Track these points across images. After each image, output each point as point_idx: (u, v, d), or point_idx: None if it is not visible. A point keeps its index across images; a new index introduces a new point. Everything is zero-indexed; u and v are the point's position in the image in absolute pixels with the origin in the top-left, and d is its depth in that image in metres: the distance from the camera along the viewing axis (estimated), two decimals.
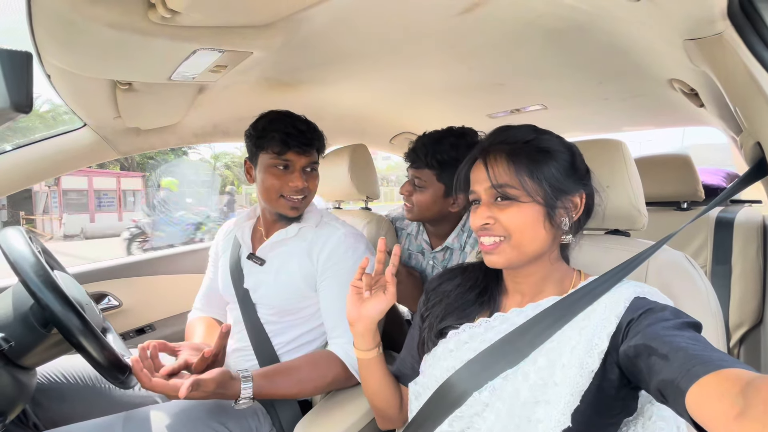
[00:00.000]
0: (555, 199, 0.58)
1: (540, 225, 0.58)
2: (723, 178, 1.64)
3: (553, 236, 0.60)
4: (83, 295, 0.81)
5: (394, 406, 0.76)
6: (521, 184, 0.57)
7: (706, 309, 0.64)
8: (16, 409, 0.72)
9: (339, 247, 0.98)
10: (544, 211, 0.58)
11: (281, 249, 1.02)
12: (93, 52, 0.56)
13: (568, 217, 0.60)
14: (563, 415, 0.51)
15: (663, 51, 0.77)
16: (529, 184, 0.57)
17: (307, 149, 0.97)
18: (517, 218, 0.58)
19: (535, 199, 0.57)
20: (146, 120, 1.06)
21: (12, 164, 0.99)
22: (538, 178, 0.57)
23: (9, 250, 0.68)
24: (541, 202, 0.57)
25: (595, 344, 0.53)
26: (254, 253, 1.04)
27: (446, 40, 0.85)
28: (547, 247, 0.60)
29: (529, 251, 0.59)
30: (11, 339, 0.68)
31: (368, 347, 0.74)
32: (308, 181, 0.99)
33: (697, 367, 0.40)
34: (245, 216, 1.11)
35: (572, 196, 0.60)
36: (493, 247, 0.60)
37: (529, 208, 0.57)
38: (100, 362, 0.68)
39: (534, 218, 0.58)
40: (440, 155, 1.05)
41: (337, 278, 0.96)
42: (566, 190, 0.59)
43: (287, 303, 1.00)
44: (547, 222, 0.58)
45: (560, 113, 1.50)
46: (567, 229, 0.61)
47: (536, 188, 0.57)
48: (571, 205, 0.60)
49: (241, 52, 0.63)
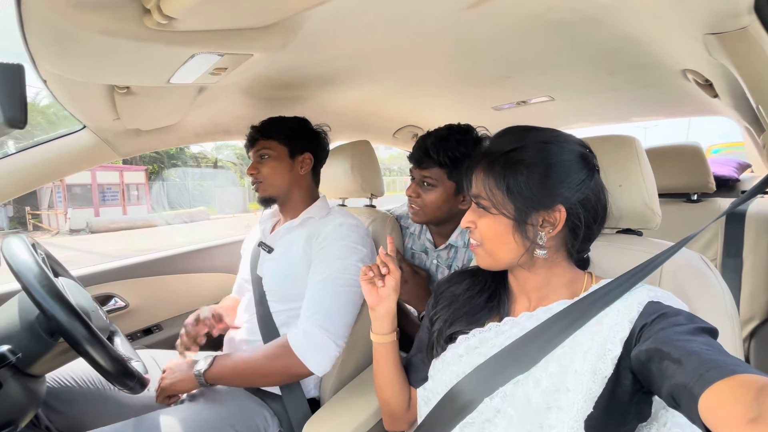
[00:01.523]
0: (525, 213, 0.57)
1: (509, 237, 0.59)
2: (734, 168, 1.60)
3: (525, 248, 0.59)
4: (89, 301, 0.81)
5: (402, 401, 0.76)
6: (489, 196, 0.59)
7: (723, 311, 0.62)
8: (27, 417, 0.72)
9: (333, 233, 0.99)
10: (513, 224, 0.58)
11: (287, 236, 1.08)
12: (87, 58, 0.55)
13: (543, 231, 0.58)
14: (576, 421, 0.51)
15: (678, 42, 0.74)
16: (498, 197, 0.58)
17: (254, 141, 1.07)
18: (488, 228, 0.60)
19: (501, 212, 0.58)
20: (146, 121, 1.05)
21: (15, 168, 0.98)
22: (510, 192, 0.57)
23: (12, 259, 0.68)
24: (509, 215, 0.58)
25: (609, 350, 0.52)
26: (264, 242, 1.11)
27: (452, 33, 0.82)
28: (521, 257, 0.59)
29: (502, 259, 0.61)
30: (18, 348, 0.68)
31: (386, 331, 0.74)
32: (257, 168, 1.07)
33: (710, 372, 0.39)
34: (269, 213, 1.19)
35: (548, 211, 0.57)
36: (474, 248, 0.64)
37: (496, 220, 0.59)
38: (107, 370, 0.69)
39: (503, 230, 0.59)
40: (451, 152, 1.04)
41: (319, 263, 0.97)
42: (538, 205, 0.57)
43: (289, 287, 1.02)
44: (517, 234, 0.58)
45: (567, 105, 1.47)
46: (542, 243, 0.58)
47: (504, 202, 0.58)
48: (548, 219, 0.57)
49: (242, 55, 0.61)
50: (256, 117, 1.11)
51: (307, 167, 1.10)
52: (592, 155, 0.61)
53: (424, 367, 0.72)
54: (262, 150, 1.06)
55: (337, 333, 0.91)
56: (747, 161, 1.74)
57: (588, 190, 0.58)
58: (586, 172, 0.58)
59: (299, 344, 0.88)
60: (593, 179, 0.59)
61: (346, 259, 0.95)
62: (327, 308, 0.91)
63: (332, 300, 0.92)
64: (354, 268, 0.95)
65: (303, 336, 0.89)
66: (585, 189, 0.57)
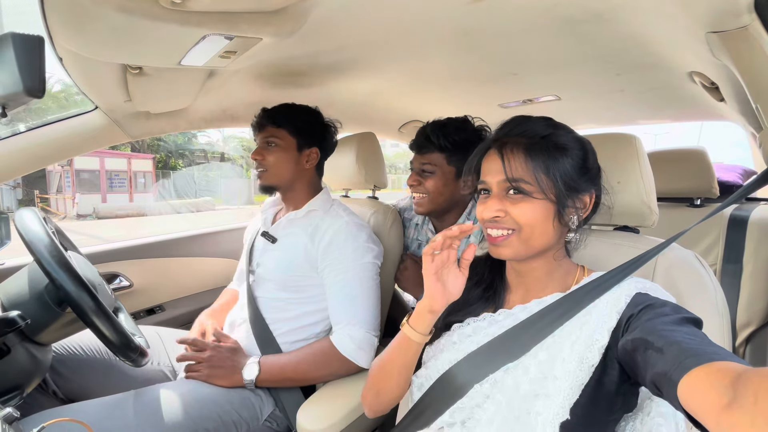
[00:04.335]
0: (566, 197, 0.58)
1: (549, 222, 0.58)
2: (739, 175, 1.59)
3: (560, 233, 0.61)
4: (96, 275, 0.83)
5: (397, 397, 0.71)
6: (536, 180, 0.57)
7: (713, 308, 0.63)
8: (33, 383, 0.75)
9: (339, 234, 1.01)
10: (555, 208, 0.58)
11: (290, 228, 1.08)
12: (103, 36, 0.56)
13: (577, 215, 0.60)
14: (562, 408, 0.52)
15: (685, 43, 0.75)
16: (544, 181, 0.57)
17: (261, 127, 1.07)
18: (528, 213, 0.57)
19: (548, 197, 0.57)
20: (156, 104, 1.07)
21: (26, 145, 1.00)
22: (553, 176, 0.57)
23: (24, 230, 0.70)
24: (554, 199, 0.57)
25: (596, 339, 0.53)
26: (268, 232, 1.12)
27: (459, 27, 0.83)
28: (553, 243, 0.61)
29: (536, 245, 0.59)
30: (27, 316, 0.70)
31: (427, 332, 0.64)
32: (263, 154, 1.06)
33: (689, 359, 0.40)
34: (271, 202, 1.20)
35: (583, 195, 0.60)
36: (502, 240, 0.59)
37: (541, 204, 0.57)
38: (112, 341, 0.71)
39: (545, 215, 0.58)
40: (451, 137, 1.08)
41: (336, 266, 1.00)
42: (578, 188, 0.59)
43: (290, 279, 1.04)
44: (557, 219, 0.58)
45: (574, 105, 1.47)
46: (575, 227, 0.61)
47: (550, 185, 0.57)
48: (581, 204, 0.60)
49: (251, 38, 0.62)
50: (264, 104, 1.12)
51: (313, 162, 1.11)
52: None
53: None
54: (270, 137, 1.06)
55: (374, 325, 1.00)
56: (753, 168, 1.73)
57: (600, 181, 0.63)
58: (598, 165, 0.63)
59: (350, 349, 0.95)
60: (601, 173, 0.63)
61: (363, 258, 1.01)
62: (361, 308, 0.99)
63: (363, 299, 0.99)
64: (371, 265, 1.02)
65: (350, 340, 0.95)
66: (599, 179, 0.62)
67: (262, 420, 0.94)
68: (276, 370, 0.94)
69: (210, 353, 0.95)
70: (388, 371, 0.69)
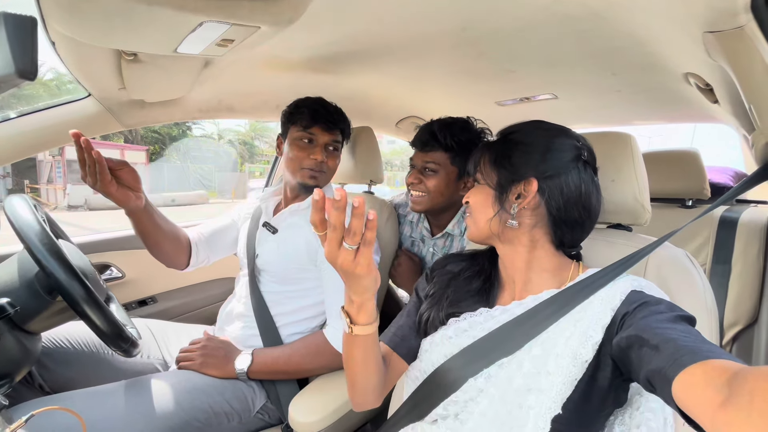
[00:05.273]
0: (505, 184, 0.63)
1: (489, 205, 0.65)
2: (731, 177, 1.62)
3: (499, 216, 0.64)
4: (87, 264, 0.82)
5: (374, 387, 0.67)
6: (481, 169, 0.68)
7: (702, 306, 0.64)
8: (22, 372, 0.74)
9: None
10: (493, 193, 0.65)
11: (292, 220, 1.08)
12: (98, 20, 0.55)
13: (516, 203, 0.63)
14: (554, 402, 0.53)
15: (681, 43, 0.75)
16: (487, 170, 0.67)
17: (331, 127, 1.06)
18: (474, 197, 0.68)
19: (486, 182, 0.66)
20: (151, 92, 1.05)
21: (16, 132, 0.98)
22: (496, 165, 0.65)
23: (14, 217, 0.69)
24: (491, 185, 0.65)
25: (590, 336, 0.54)
26: (269, 222, 1.12)
27: (458, 21, 0.83)
28: (492, 221, 0.65)
29: (482, 227, 0.67)
30: (17, 304, 0.70)
31: (363, 322, 0.58)
32: (328, 158, 1.07)
33: (685, 356, 0.40)
34: (271, 192, 1.19)
35: (522, 184, 0.62)
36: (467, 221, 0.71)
37: (482, 190, 0.67)
38: (103, 330, 0.70)
39: (484, 199, 0.66)
40: (457, 137, 1.07)
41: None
42: (517, 177, 0.62)
43: (288, 271, 1.04)
44: (496, 203, 0.64)
45: (571, 104, 1.47)
46: (513, 213, 0.63)
47: (490, 174, 0.66)
48: (521, 194, 0.62)
49: (249, 27, 0.62)
50: (260, 95, 1.11)
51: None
52: (589, 153, 0.63)
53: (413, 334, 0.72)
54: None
55: None
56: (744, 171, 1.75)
57: (568, 176, 0.60)
58: (573, 162, 0.61)
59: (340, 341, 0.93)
60: (580, 171, 0.61)
61: None
62: None
63: None
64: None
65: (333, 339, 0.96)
66: (565, 173, 0.60)
67: (254, 412, 0.94)
68: (269, 362, 0.95)
69: (204, 343, 0.97)
70: (350, 365, 0.65)
